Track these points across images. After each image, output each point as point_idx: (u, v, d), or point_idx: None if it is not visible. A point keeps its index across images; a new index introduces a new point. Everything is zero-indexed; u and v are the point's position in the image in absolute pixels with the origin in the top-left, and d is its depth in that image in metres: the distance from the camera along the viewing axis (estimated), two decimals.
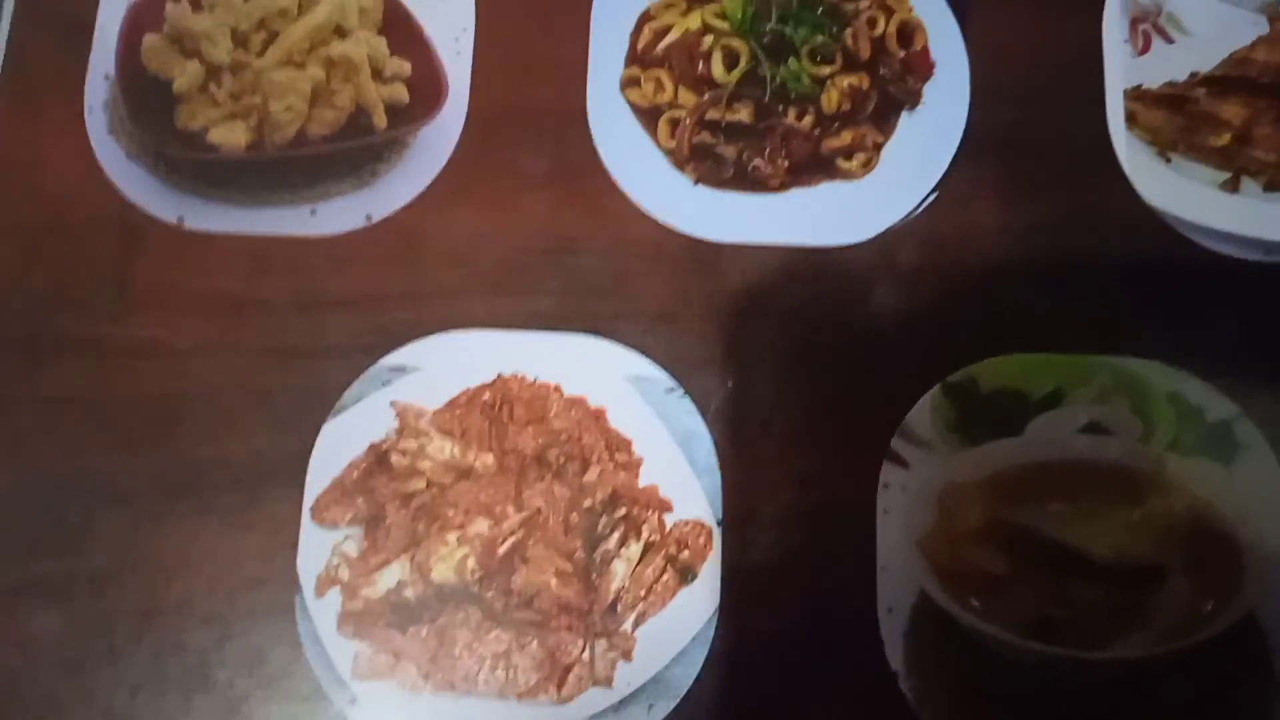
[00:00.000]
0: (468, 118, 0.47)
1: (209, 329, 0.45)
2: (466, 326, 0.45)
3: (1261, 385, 0.44)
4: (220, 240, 0.46)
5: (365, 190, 0.47)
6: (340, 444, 0.44)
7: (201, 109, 0.47)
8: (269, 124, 0.47)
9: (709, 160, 0.47)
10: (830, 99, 0.47)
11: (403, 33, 0.48)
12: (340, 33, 0.48)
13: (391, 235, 0.46)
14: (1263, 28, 0.48)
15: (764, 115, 0.47)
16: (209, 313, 0.45)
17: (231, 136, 0.47)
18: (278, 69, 0.47)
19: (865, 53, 0.48)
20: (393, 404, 0.44)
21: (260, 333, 0.45)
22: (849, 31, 0.48)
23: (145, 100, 0.47)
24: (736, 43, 0.48)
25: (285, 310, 0.45)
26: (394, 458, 0.43)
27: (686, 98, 0.48)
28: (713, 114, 0.47)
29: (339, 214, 0.46)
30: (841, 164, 0.47)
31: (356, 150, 0.47)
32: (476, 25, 0.48)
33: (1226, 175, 0.47)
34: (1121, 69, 0.48)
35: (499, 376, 0.44)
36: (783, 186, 0.47)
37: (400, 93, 0.48)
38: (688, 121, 0.47)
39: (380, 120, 0.47)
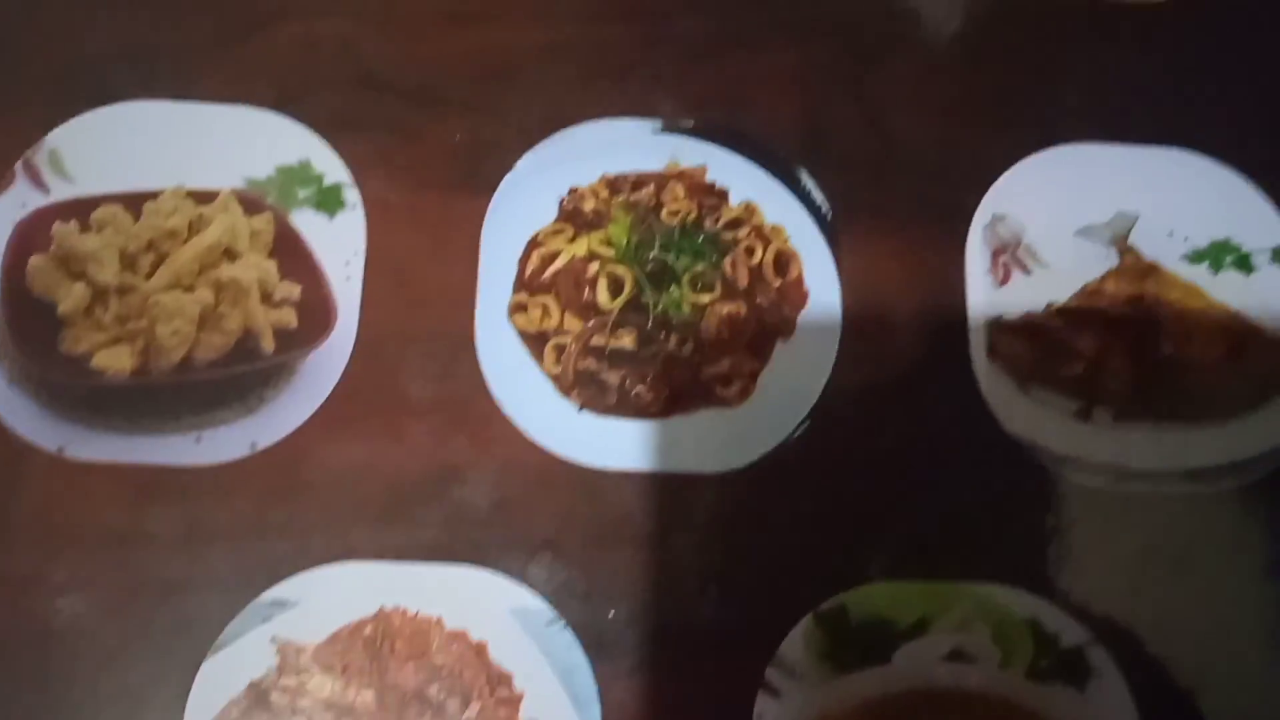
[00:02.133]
0: (356, 342, 0.49)
1: (89, 562, 0.45)
2: (350, 558, 0.46)
3: (1114, 611, 0.47)
4: (102, 470, 0.47)
5: (251, 417, 0.48)
6: (219, 682, 0.44)
7: (86, 333, 0.48)
8: (155, 348, 0.48)
9: (593, 387, 0.49)
10: (710, 326, 0.50)
11: (293, 256, 0.50)
12: (230, 255, 0.50)
13: (276, 464, 0.47)
14: (1113, 260, 0.52)
15: (646, 342, 0.50)
16: (89, 545, 0.46)
17: (116, 361, 0.48)
18: (166, 292, 0.48)
19: (743, 281, 0.51)
20: (273, 640, 0.45)
21: (141, 566, 0.45)
22: (728, 260, 0.51)
23: (29, 323, 0.48)
24: (621, 269, 0.50)
25: (167, 542, 0.46)
26: (274, 696, 0.44)
27: (572, 324, 0.50)
28: (597, 340, 0.50)
29: (224, 442, 0.47)
30: (720, 391, 0.49)
31: (244, 376, 0.48)
32: (367, 250, 0.50)
33: (1079, 404, 0.50)
34: (984, 299, 0.51)
35: (381, 610, 0.46)
36: (664, 413, 0.49)
37: (289, 317, 0.49)
38: (573, 348, 0.50)
39: (268, 345, 0.49)
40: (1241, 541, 0.49)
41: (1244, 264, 0.52)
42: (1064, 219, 0.53)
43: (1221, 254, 0.53)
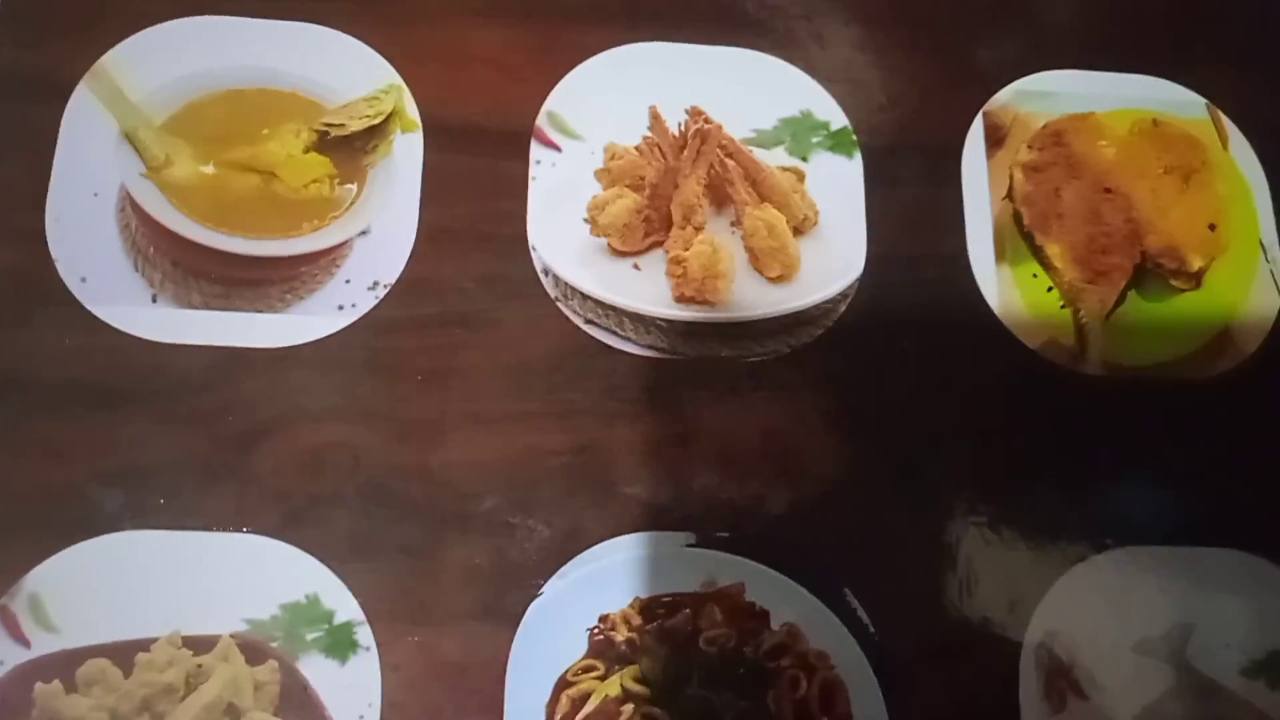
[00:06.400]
0: None
1: None
2: None
3: None
4: None
5: None
6: None
7: None
8: None
9: None
10: None
11: (302, 712, 0.47)
12: (233, 713, 0.47)
13: None
14: (1169, 677, 0.52)
15: None
16: None
17: None
18: None
19: (788, 717, 0.49)
20: None
21: None
22: (771, 694, 0.50)
23: None
24: (657, 712, 0.49)
25: None
26: None
27: None
28: None
29: None
30: None
31: None
32: (383, 702, 0.48)
33: None
34: None
35: None
36: None
37: None
38: None
39: None
40: None
41: None
42: (1118, 633, 0.52)
43: (1279, 667, 0.53)
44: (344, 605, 0.49)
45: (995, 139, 0.59)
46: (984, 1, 0.62)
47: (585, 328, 0.54)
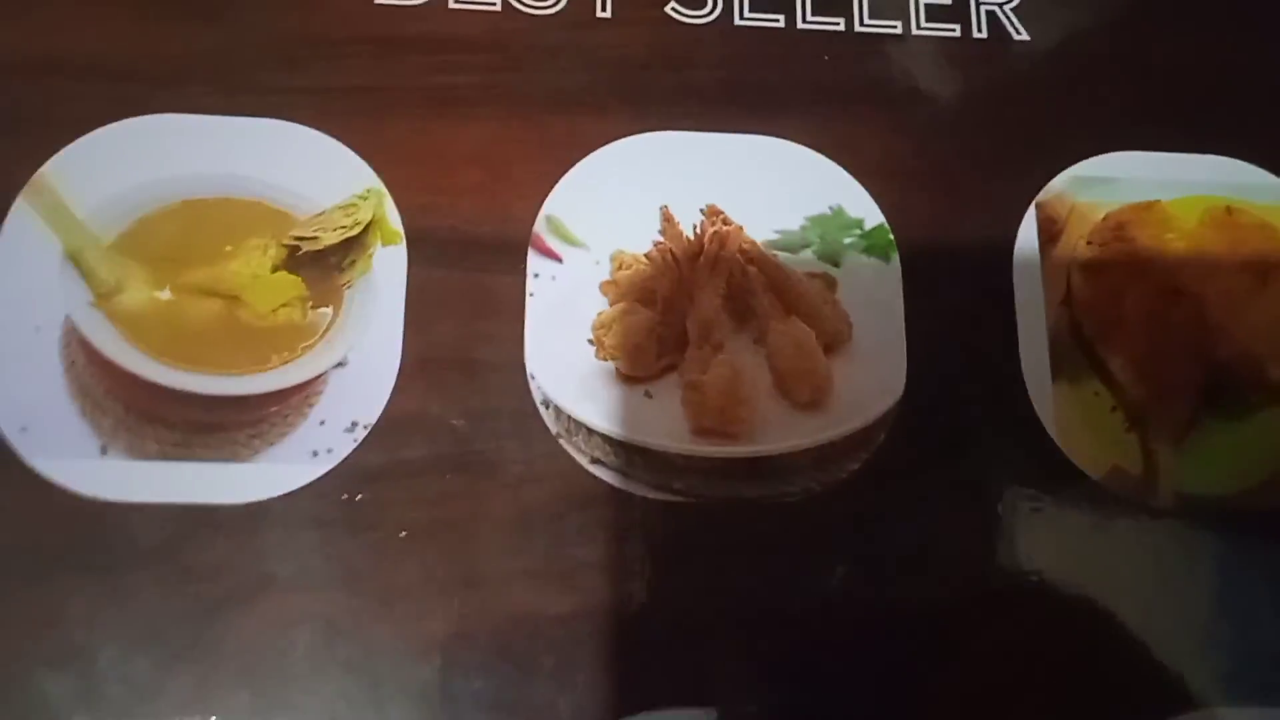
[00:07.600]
0: None
1: None
2: None
3: None
4: None
5: None
6: None
7: None
8: None
9: None
10: None
11: None
12: None
13: None
14: None
15: None
16: None
17: None
18: None
19: None
20: None
21: None
22: None
23: None
24: None
25: None
26: None
27: None
28: None
29: None
30: None
31: None
32: None
33: None
34: None
35: None
36: None
37: None
38: None
39: None
40: None
41: None
42: None
43: None
44: None
45: (1050, 234, 0.53)
46: (1034, 78, 0.55)
47: (591, 468, 0.48)
